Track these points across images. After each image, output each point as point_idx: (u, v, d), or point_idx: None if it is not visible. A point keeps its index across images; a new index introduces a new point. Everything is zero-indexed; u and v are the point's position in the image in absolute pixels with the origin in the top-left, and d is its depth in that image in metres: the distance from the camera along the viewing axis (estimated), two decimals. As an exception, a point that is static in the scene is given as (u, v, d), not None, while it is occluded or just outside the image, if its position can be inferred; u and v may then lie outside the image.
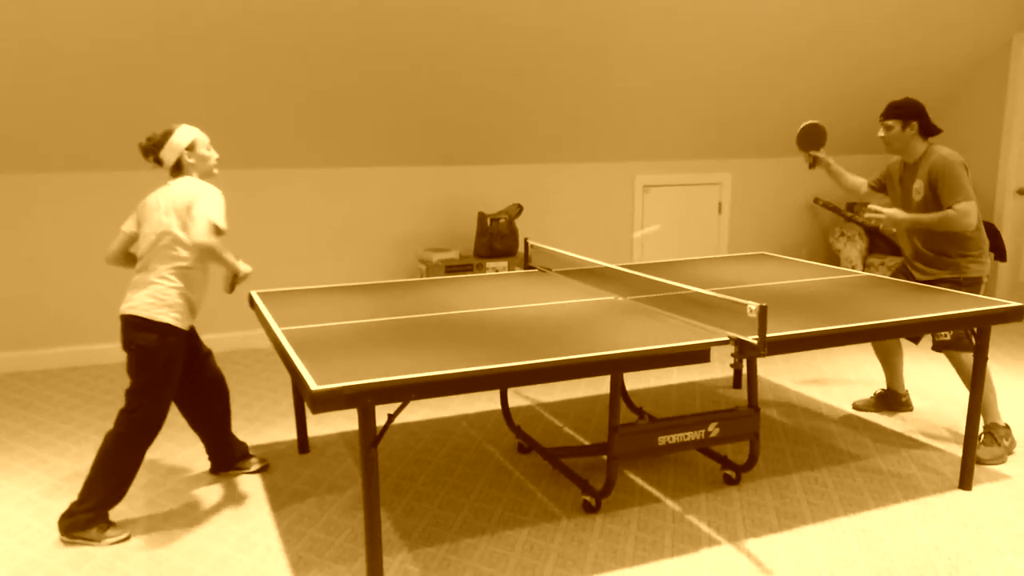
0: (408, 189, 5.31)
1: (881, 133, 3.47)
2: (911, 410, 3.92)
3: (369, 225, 5.26)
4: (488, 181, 5.50)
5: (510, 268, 5.19)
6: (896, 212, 3.39)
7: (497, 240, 5.16)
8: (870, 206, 3.41)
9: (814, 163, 3.74)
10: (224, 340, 5.01)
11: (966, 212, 3.28)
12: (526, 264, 3.94)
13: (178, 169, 2.84)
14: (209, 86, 4.37)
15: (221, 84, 4.38)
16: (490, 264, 5.15)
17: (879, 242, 6.18)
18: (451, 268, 5.06)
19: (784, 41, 5.28)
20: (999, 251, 3.74)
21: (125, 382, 4.41)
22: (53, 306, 4.66)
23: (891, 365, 3.88)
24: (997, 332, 5.38)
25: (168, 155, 2.81)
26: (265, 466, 3.27)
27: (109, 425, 3.75)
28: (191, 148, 2.83)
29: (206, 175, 2.88)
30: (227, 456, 3.19)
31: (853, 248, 6.06)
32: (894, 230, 3.70)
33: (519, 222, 5.65)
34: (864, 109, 6.17)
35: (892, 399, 3.91)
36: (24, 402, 4.09)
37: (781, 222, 6.51)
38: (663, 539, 2.72)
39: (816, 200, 6.31)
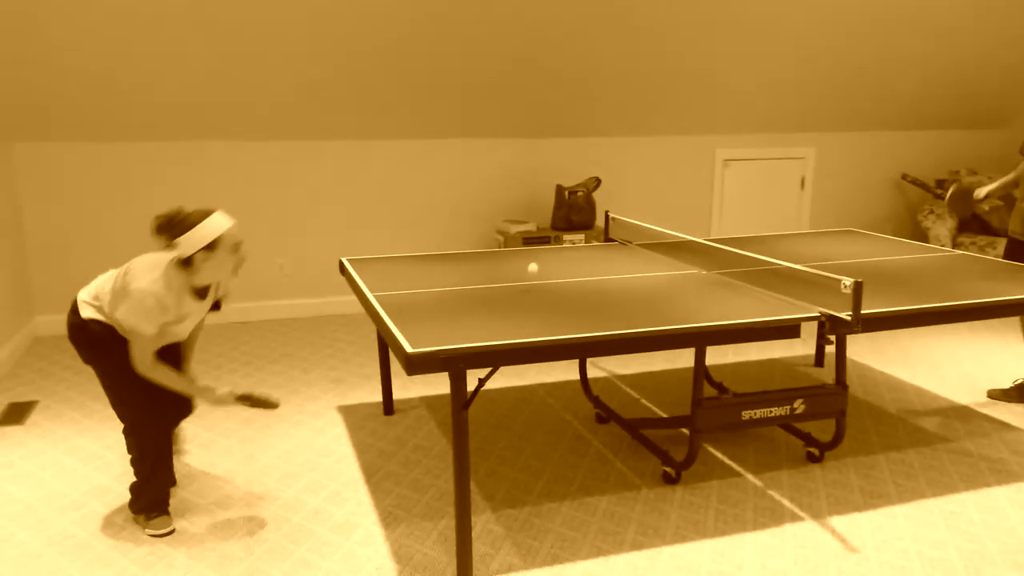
0: (487, 161, 5.35)
1: None
2: None
3: (448, 196, 5.33)
4: (566, 154, 5.50)
5: (587, 241, 5.19)
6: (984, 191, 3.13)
7: (575, 213, 5.17)
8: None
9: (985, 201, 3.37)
10: (311, 306, 5.18)
11: None
12: (606, 236, 3.95)
13: (187, 262, 2.36)
14: (291, 57, 4.48)
15: (302, 55, 4.49)
16: (567, 237, 5.16)
17: (970, 221, 5.94)
18: (528, 240, 5.09)
19: (871, 11, 5.08)
20: None
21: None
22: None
23: None
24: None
25: (184, 245, 2.32)
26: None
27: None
28: (212, 247, 2.33)
29: (216, 279, 2.42)
30: None
31: (942, 226, 5.84)
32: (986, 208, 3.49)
33: (596, 195, 5.64)
34: (959, 82, 5.90)
35: None
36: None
37: (866, 198, 6.31)
38: (744, 512, 2.73)
39: (904, 176, 6.10)
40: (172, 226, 2.32)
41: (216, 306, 2.72)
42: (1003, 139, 6.56)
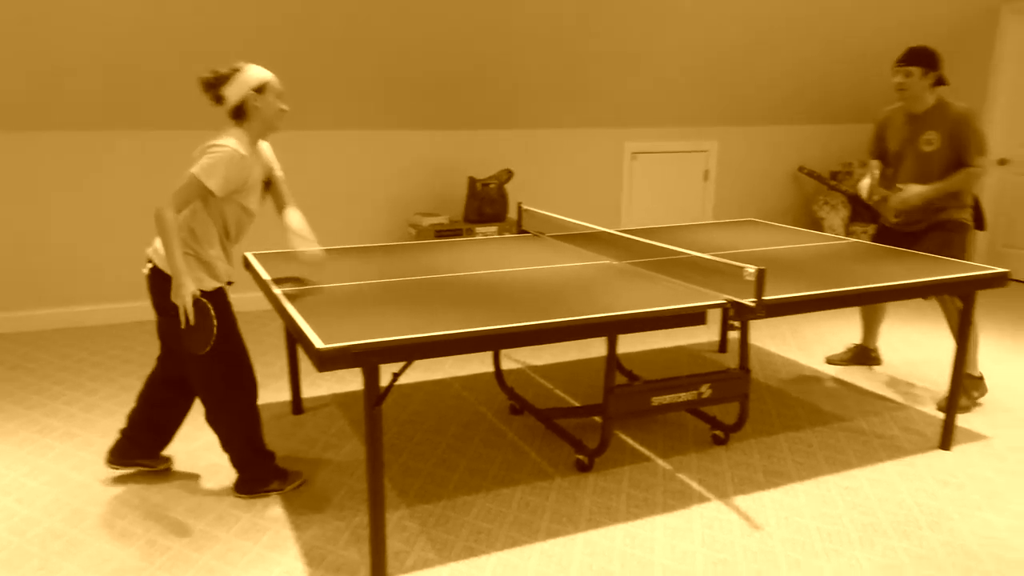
0: (398, 153, 5.28)
1: (898, 79, 3.41)
2: (880, 364, 4.13)
3: (359, 188, 5.23)
4: (478, 146, 5.48)
5: (500, 233, 5.20)
6: (920, 189, 3.39)
7: (487, 205, 5.16)
8: (894, 203, 3.42)
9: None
10: (211, 302, 4.99)
11: (984, 168, 3.36)
12: (519, 228, 3.96)
13: (239, 114, 2.54)
14: (194, 46, 4.30)
15: (205, 44, 4.31)
16: (480, 229, 5.15)
17: (861, 210, 6.26)
18: (441, 232, 5.06)
19: (771, 9, 5.28)
20: (979, 220, 3.80)
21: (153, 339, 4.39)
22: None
23: (872, 324, 4.05)
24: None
25: (233, 92, 2.51)
26: (168, 467, 2.95)
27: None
28: (260, 90, 2.53)
29: (269, 125, 2.58)
30: (149, 447, 2.88)
31: (836, 216, 6.14)
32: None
33: (508, 187, 5.65)
34: (848, 77, 6.20)
35: (863, 354, 4.11)
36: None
37: (765, 190, 6.56)
38: (655, 496, 2.79)
39: (801, 168, 6.37)
40: (219, 78, 2.52)
41: (266, 185, 2.81)
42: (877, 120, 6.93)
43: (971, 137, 3.33)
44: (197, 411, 3.47)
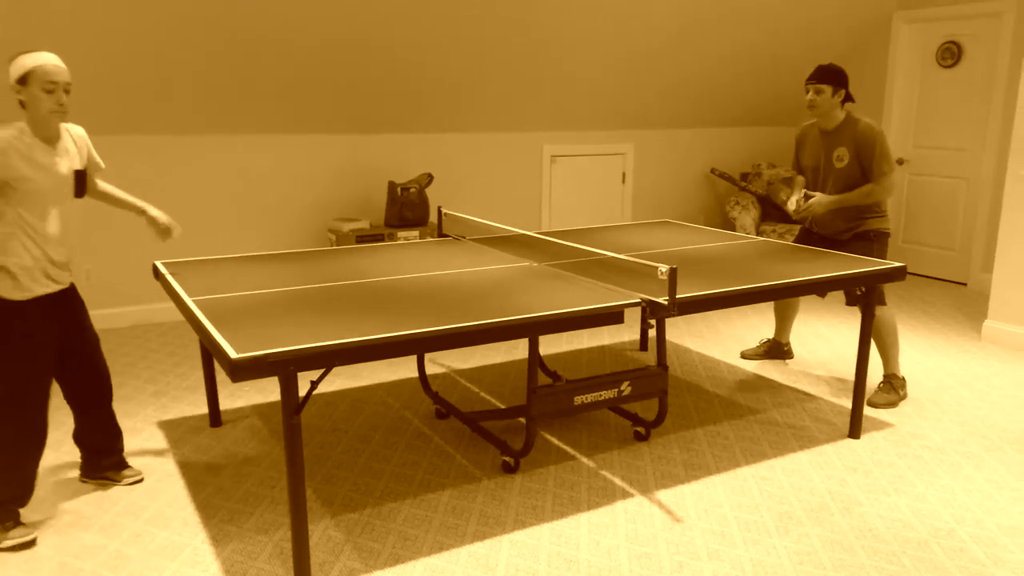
0: (316, 157, 5.20)
1: (810, 96, 3.53)
2: (792, 357, 4.32)
3: (276, 194, 5.12)
4: (398, 150, 5.45)
5: (421, 237, 5.18)
6: (821, 198, 3.55)
7: (408, 209, 5.13)
8: (799, 209, 3.56)
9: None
10: (124, 315, 4.80)
11: (890, 185, 3.48)
12: (440, 232, 3.95)
13: (22, 103, 2.39)
14: (109, 46, 4.13)
15: (119, 46, 4.15)
16: (401, 234, 5.12)
17: (771, 211, 6.50)
18: (362, 238, 5.00)
19: (681, 18, 5.43)
20: None
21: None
22: None
23: (785, 319, 4.22)
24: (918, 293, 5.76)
25: (10, 79, 2.38)
26: (140, 479, 2.89)
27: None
28: (23, 82, 2.34)
29: (40, 121, 2.39)
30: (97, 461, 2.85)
31: (747, 216, 6.35)
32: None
33: (429, 191, 5.63)
34: (755, 82, 6.44)
35: (776, 348, 4.30)
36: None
37: (680, 191, 6.74)
38: (580, 494, 2.83)
39: (713, 170, 6.57)
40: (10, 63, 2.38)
41: (81, 183, 2.58)
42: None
43: (873, 154, 3.46)
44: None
